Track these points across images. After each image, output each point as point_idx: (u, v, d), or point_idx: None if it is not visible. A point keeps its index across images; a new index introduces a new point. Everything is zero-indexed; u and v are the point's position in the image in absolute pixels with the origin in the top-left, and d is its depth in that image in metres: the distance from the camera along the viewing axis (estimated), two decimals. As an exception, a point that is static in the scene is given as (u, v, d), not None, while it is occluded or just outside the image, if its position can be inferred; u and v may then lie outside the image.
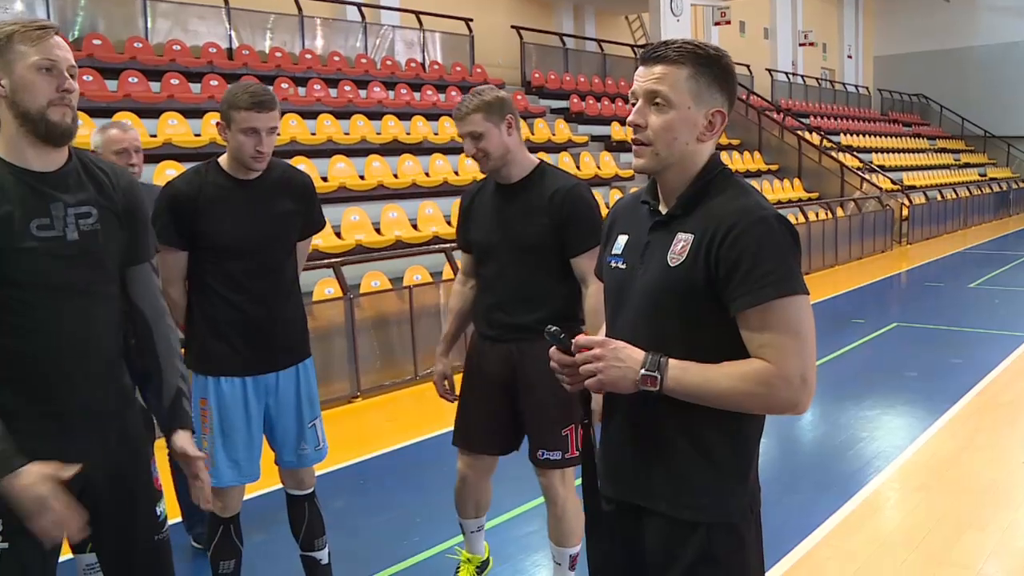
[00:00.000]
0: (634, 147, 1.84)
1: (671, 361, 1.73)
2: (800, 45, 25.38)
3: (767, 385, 1.68)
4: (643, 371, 1.72)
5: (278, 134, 3.00)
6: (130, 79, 9.33)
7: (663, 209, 1.87)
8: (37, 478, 1.92)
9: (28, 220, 2.05)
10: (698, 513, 1.81)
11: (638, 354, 1.75)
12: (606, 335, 1.91)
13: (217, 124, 2.96)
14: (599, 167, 13.20)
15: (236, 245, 2.94)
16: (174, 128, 8.90)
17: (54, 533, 1.95)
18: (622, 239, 1.94)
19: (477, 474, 3.38)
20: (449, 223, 9.45)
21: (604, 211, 3.01)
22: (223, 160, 3.00)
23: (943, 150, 26.79)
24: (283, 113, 10.00)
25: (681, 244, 1.78)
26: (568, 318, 2.94)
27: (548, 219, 2.98)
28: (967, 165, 26.36)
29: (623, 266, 1.90)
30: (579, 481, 2.18)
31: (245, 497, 3.25)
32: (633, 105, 1.83)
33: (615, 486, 1.93)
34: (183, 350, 2.68)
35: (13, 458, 1.94)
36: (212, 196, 2.94)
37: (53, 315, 2.09)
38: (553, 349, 1.84)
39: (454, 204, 3.28)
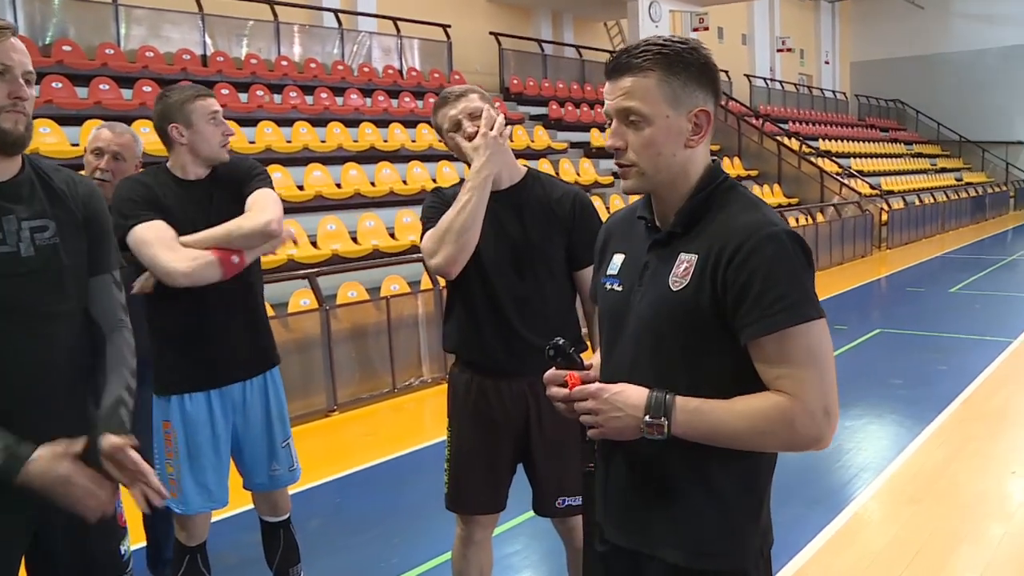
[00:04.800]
0: (619, 170, 1.68)
1: (678, 401, 1.57)
2: (778, 51, 25.47)
3: (788, 423, 1.54)
4: (647, 418, 1.57)
5: None
6: (101, 86, 9.15)
7: (661, 225, 1.71)
8: (51, 460, 1.84)
9: None
10: (707, 561, 1.65)
11: (638, 397, 1.59)
12: (601, 365, 1.77)
13: (168, 132, 2.82)
14: (579, 174, 13.10)
15: None
16: (146, 136, 8.68)
17: (91, 505, 1.89)
18: (618, 258, 1.77)
19: (483, 532, 2.89)
20: (427, 231, 9.30)
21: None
22: (171, 166, 2.88)
23: (920, 155, 26.96)
24: (258, 121, 9.96)
25: (684, 266, 1.61)
26: (577, 340, 2.67)
27: (555, 226, 2.69)
28: (943, 170, 26.54)
29: (619, 288, 1.74)
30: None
31: (214, 519, 3.10)
32: (609, 125, 1.66)
33: (612, 529, 1.77)
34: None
35: (20, 448, 1.84)
36: (171, 199, 2.81)
37: (5, 338, 1.94)
38: (550, 375, 1.68)
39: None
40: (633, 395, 1.59)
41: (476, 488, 2.82)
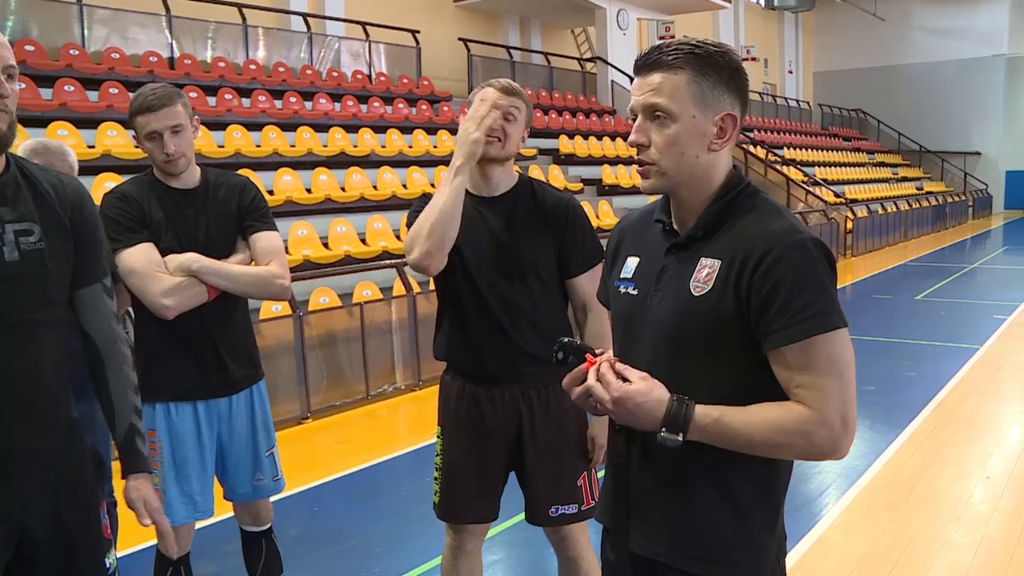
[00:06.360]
0: (638, 168, 1.64)
1: (696, 417, 1.53)
2: (743, 60, 25.66)
3: (806, 434, 1.52)
4: (663, 431, 1.54)
5: (197, 132, 2.81)
6: (66, 87, 8.98)
7: (680, 229, 1.67)
8: None
9: None
10: (724, 571, 1.63)
11: (657, 410, 1.54)
12: None
13: (133, 137, 2.79)
14: (548, 180, 13.09)
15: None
16: (113, 139, 8.56)
17: None
18: (632, 262, 1.74)
19: (475, 541, 2.84)
20: (399, 237, 9.24)
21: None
22: (156, 173, 2.84)
23: (881, 164, 27.34)
24: (227, 125, 9.82)
25: (706, 271, 1.58)
26: None
27: (547, 234, 2.65)
28: (904, 179, 26.91)
29: (634, 292, 1.70)
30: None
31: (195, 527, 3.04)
32: (632, 121, 1.63)
33: (626, 537, 1.73)
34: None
35: None
36: (158, 210, 2.76)
37: None
38: (569, 378, 1.64)
39: (403, 219, 2.94)
40: (652, 406, 1.55)
41: (468, 497, 2.76)
